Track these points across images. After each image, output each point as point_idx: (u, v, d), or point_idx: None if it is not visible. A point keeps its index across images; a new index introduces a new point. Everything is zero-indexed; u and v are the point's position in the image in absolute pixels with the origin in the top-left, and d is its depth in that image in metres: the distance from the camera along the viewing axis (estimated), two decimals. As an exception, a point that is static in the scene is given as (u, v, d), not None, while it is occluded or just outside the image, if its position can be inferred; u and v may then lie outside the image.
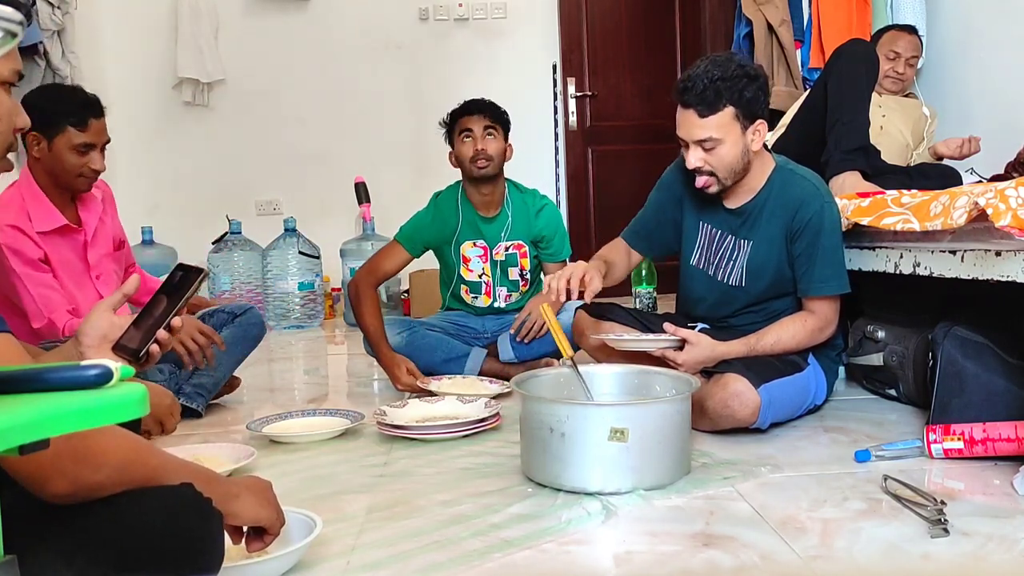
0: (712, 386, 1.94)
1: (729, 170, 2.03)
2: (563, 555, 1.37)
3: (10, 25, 0.68)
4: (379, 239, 4.49)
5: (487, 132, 2.68)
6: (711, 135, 1.97)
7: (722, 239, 2.17)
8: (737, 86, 1.96)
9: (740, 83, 1.96)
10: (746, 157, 2.03)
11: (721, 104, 1.95)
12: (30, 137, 2.21)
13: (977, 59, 3.59)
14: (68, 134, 2.20)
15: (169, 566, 0.95)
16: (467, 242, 2.78)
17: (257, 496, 1.18)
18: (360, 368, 3.24)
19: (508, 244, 2.78)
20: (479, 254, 2.79)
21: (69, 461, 0.89)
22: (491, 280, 2.81)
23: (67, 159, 2.22)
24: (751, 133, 2.01)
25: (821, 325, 2.06)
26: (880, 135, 2.97)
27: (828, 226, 2.03)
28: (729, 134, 1.98)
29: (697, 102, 1.96)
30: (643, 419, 1.63)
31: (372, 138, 4.89)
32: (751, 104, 1.98)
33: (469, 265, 2.80)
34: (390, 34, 4.91)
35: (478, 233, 2.77)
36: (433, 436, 2.03)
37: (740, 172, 2.05)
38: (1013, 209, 1.55)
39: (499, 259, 2.78)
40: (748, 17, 4.12)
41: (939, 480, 1.67)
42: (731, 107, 1.96)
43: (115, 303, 1.18)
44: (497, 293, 2.82)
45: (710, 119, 1.96)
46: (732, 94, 1.95)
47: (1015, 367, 1.85)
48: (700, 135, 1.98)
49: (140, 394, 0.72)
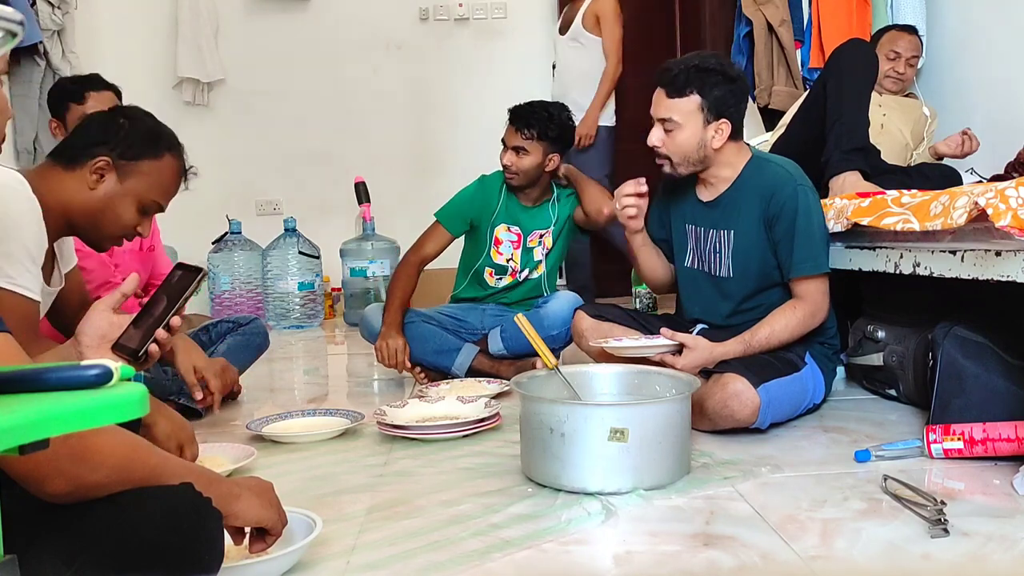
0: (711, 386, 1.94)
1: (682, 157, 2.09)
2: (563, 555, 1.37)
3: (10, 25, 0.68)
4: (379, 239, 4.49)
5: (515, 149, 2.71)
6: (671, 116, 2.04)
7: (706, 235, 2.20)
8: (708, 79, 2.03)
9: (712, 77, 2.03)
10: (702, 151, 2.08)
11: (688, 90, 2.03)
12: (52, 124, 2.22)
13: (977, 59, 3.59)
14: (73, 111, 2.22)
15: (169, 566, 0.96)
16: (502, 225, 2.82)
17: (259, 497, 1.18)
18: (360, 368, 3.24)
19: (543, 232, 2.84)
20: (512, 239, 2.84)
21: (67, 461, 0.89)
22: (518, 266, 2.86)
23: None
24: (713, 129, 2.05)
25: (811, 310, 2.06)
26: (880, 135, 2.97)
27: (803, 208, 2.06)
28: (689, 122, 2.04)
29: (667, 82, 2.05)
30: (643, 419, 1.63)
31: (372, 138, 4.89)
32: (718, 101, 2.04)
33: (500, 248, 2.84)
34: (390, 34, 4.91)
35: (515, 219, 2.82)
36: (433, 436, 2.03)
37: (695, 163, 2.10)
38: (1013, 209, 1.55)
39: (532, 246, 2.84)
40: (748, 17, 4.13)
41: (939, 480, 1.66)
42: (697, 96, 2.03)
43: (114, 302, 1.18)
44: (522, 274, 2.87)
45: (674, 101, 2.04)
46: (700, 84, 2.02)
47: (1015, 367, 1.85)
48: (662, 114, 2.07)
49: (140, 394, 0.72)
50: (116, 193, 1.63)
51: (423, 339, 2.68)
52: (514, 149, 2.71)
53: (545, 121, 2.70)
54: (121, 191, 1.64)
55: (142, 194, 1.66)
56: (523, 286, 2.88)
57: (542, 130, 2.69)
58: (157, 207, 1.70)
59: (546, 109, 2.75)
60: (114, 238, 1.69)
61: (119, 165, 1.63)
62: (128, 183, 1.64)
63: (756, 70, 4.11)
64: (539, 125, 2.69)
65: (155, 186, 1.67)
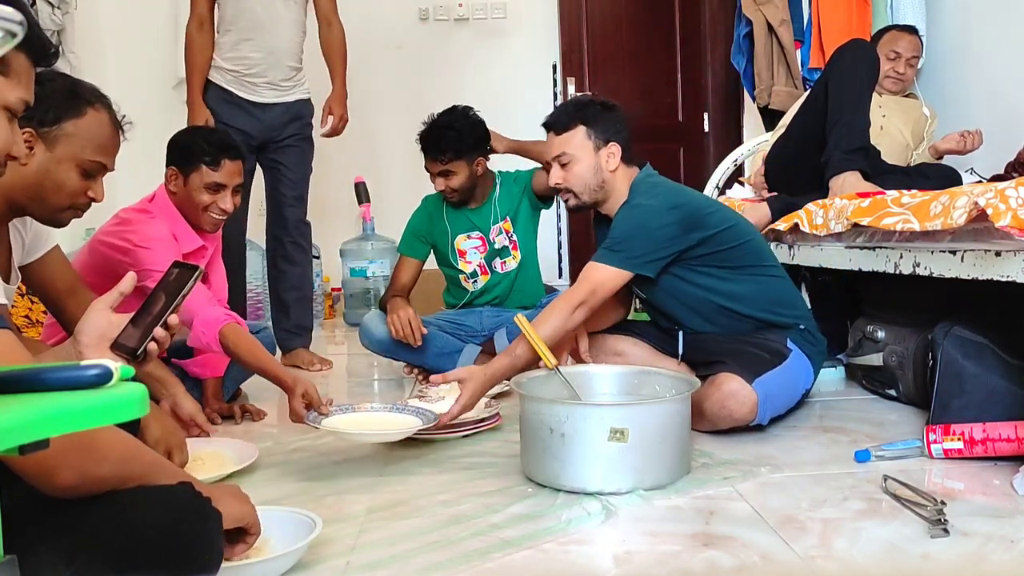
0: (707, 388, 1.94)
1: (584, 185, 2.16)
2: (563, 555, 1.37)
3: (10, 25, 0.68)
4: (379, 239, 4.49)
5: (441, 175, 2.73)
6: (564, 151, 2.16)
7: None
8: (588, 111, 2.17)
9: (591, 108, 2.18)
10: (600, 175, 2.16)
11: (572, 124, 2.15)
12: (169, 172, 2.32)
13: (977, 59, 3.59)
14: (201, 172, 2.29)
15: (169, 566, 0.96)
16: (461, 235, 2.84)
17: (235, 496, 1.18)
18: (360, 368, 3.24)
19: (499, 225, 2.84)
20: (476, 245, 2.85)
21: (75, 453, 0.89)
22: (485, 264, 2.87)
23: (198, 196, 2.29)
24: (605, 154, 2.15)
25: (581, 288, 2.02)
26: (880, 135, 2.97)
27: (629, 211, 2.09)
28: (581, 151, 2.14)
29: (553, 124, 2.19)
30: (643, 419, 1.63)
31: (372, 138, 4.89)
32: (603, 127, 2.15)
33: (467, 257, 2.87)
34: (390, 34, 4.91)
35: (470, 225, 2.84)
36: (433, 436, 2.03)
37: (596, 188, 2.17)
38: (1013, 209, 1.55)
39: (496, 240, 2.84)
40: (748, 17, 4.12)
41: (939, 480, 1.67)
42: (582, 126, 2.14)
43: (112, 301, 1.18)
44: (493, 264, 2.87)
45: (563, 137, 2.16)
46: (583, 116, 2.16)
47: (1015, 367, 1.85)
48: (555, 152, 2.18)
49: (140, 394, 0.73)
50: (49, 162, 1.55)
51: (425, 342, 2.68)
52: (440, 175, 2.73)
53: (455, 140, 2.69)
54: (54, 159, 1.56)
55: (77, 155, 1.58)
56: (508, 277, 2.87)
57: (456, 149, 2.69)
58: (100, 167, 1.62)
59: (450, 127, 2.71)
60: (65, 208, 1.61)
61: (43, 134, 1.55)
62: (58, 149, 1.56)
63: (756, 70, 4.11)
64: (451, 145, 2.69)
65: (87, 145, 1.59)
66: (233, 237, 3.11)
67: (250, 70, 3.07)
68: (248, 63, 3.06)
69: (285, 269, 3.23)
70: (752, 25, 4.11)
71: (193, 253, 2.34)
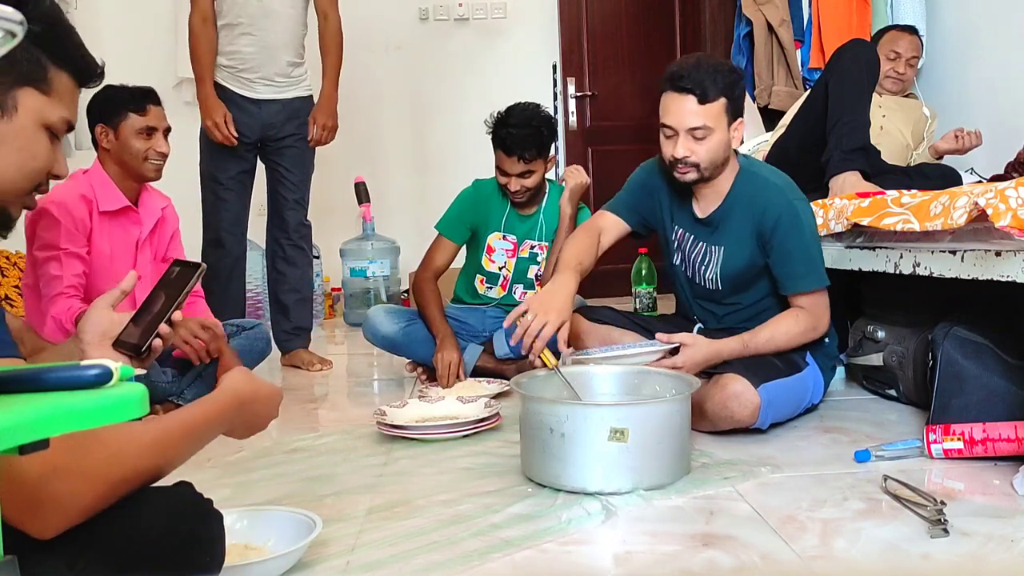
0: (711, 387, 1.94)
1: (711, 162, 2.04)
2: (563, 555, 1.37)
3: (10, 25, 0.68)
4: (379, 239, 4.49)
5: (521, 175, 2.63)
6: (705, 123, 1.99)
7: (695, 244, 2.18)
8: (729, 80, 2.01)
9: (731, 78, 2.03)
10: (727, 152, 2.07)
11: (717, 94, 1.99)
12: (99, 130, 2.36)
13: (977, 59, 3.59)
14: (131, 120, 2.36)
15: (170, 567, 0.95)
16: (496, 233, 2.77)
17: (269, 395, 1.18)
18: (360, 368, 3.24)
19: (535, 243, 2.78)
20: (507, 248, 2.78)
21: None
22: (510, 275, 2.81)
23: (133, 144, 2.35)
24: (733, 130, 2.04)
25: (813, 323, 2.06)
26: (880, 135, 2.97)
27: (797, 224, 2.04)
28: (720, 125, 2.01)
29: (697, 88, 1.98)
30: (643, 419, 1.63)
31: (372, 138, 4.89)
32: (738, 101, 2.04)
33: (492, 256, 2.80)
34: (390, 34, 4.91)
35: (511, 227, 2.77)
36: (433, 436, 2.03)
37: (720, 165, 2.07)
38: (1013, 209, 1.55)
39: (523, 255, 2.78)
40: (748, 17, 4.12)
41: (939, 480, 1.67)
42: (724, 99, 2.00)
43: (113, 300, 1.18)
44: (513, 289, 2.82)
45: (706, 107, 1.99)
46: (726, 87, 2.00)
47: (1015, 367, 1.85)
48: (695, 122, 1.99)
49: (140, 394, 0.72)
50: None
51: (428, 341, 2.68)
52: (520, 175, 2.62)
53: (539, 139, 2.59)
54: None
55: None
56: None
57: (539, 147, 2.60)
58: None
59: (529, 124, 2.59)
60: None
61: None
62: None
63: (756, 70, 4.11)
64: (536, 145, 2.59)
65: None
66: (233, 237, 3.11)
67: (244, 64, 3.04)
68: (241, 57, 3.04)
69: (285, 271, 3.22)
70: (752, 25, 4.11)
71: (117, 212, 2.37)
